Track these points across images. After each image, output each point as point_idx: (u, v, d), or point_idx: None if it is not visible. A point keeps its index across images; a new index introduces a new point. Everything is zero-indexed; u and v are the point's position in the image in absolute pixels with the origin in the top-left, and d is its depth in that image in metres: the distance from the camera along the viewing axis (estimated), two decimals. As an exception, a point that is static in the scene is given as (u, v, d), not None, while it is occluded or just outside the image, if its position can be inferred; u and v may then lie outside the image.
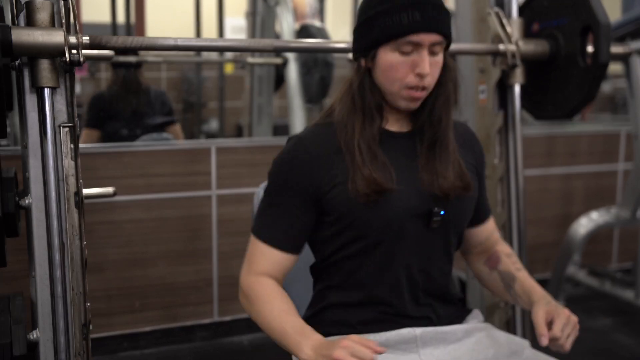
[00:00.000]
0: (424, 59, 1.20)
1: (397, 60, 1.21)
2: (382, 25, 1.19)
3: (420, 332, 1.28)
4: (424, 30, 1.18)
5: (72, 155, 1.51)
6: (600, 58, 1.85)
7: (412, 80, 1.22)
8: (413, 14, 1.17)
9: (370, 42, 1.23)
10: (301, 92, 3.37)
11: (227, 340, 2.75)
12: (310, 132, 1.30)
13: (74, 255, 1.52)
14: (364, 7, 1.25)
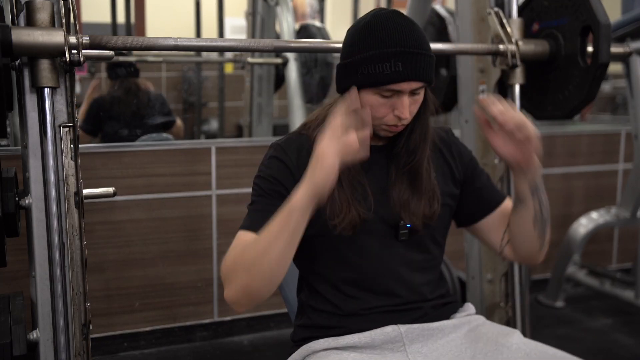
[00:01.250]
0: (404, 104, 1.22)
1: (377, 102, 1.23)
2: (365, 73, 1.21)
3: (405, 329, 1.28)
4: (405, 80, 1.20)
5: (72, 155, 1.51)
6: (600, 58, 1.85)
7: (391, 120, 1.25)
8: (395, 64, 1.19)
9: (352, 85, 1.24)
10: (301, 92, 3.37)
11: (227, 340, 2.75)
12: (286, 140, 1.34)
13: (74, 255, 1.52)
14: (348, 48, 1.26)
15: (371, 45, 1.21)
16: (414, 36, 1.21)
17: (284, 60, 3.44)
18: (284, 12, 3.36)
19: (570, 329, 2.84)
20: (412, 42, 1.20)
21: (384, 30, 1.21)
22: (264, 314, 2.81)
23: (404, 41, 1.19)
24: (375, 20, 1.23)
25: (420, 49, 1.21)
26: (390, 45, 1.19)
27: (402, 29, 1.21)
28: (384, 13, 1.25)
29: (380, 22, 1.22)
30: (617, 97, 5.11)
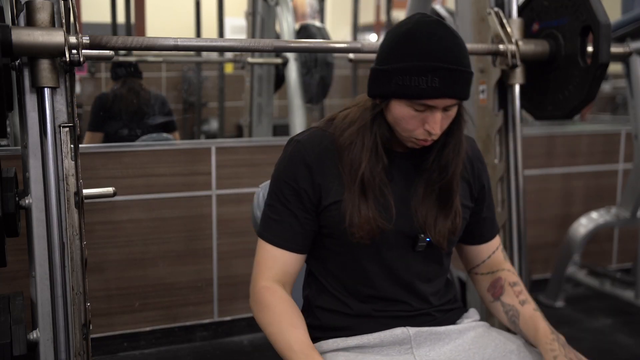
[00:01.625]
0: (436, 119, 1.18)
1: (408, 115, 1.19)
2: (400, 84, 1.16)
3: (414, 331, 1.28)
4: (441, 97, 1.15)
5: (72, 155, 1.51)
6: (600, 58, 1.85)
7: (421, 134, 1.21)
8: (432, 80, 1.13)
9: (384, 93, 1.20)
10: (301, 92, 3.37)
11: (227, 340, 2.75)
12: (308, 136, 1.30)
13: (74, 255, 1.52)
14: (385, 53, 1.20)
15: (410, 55, 1.15)
16: (456, 51, 1.16)
17: (284, 60, 3.44)
18: (284, 12, 3.36)
19: (570, 329, 2.84)
20: (453, 57, 1.15)
21: (425, 41, 1.15)
22: (264, 314, 2.81)
23: (444, 56, 1.14)
24: (417, 29, 1.17)
25: (460, 65, 1.15)
26: (430, 59, 1.14)
27: (444, 42, 1.15)
28: (427, 21, 1.18)
29: (422, 32, 1.16)
30: (617, 97, 5.11)
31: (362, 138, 1.24)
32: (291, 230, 1.27)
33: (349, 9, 4.69)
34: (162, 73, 4.63)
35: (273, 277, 1.27)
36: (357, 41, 2.28)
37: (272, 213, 1.28)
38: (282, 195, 1.27)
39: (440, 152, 1.26)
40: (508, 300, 1.37)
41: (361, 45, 1.87)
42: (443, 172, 1.27)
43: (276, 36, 3.58)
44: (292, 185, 1.26)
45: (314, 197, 1.26)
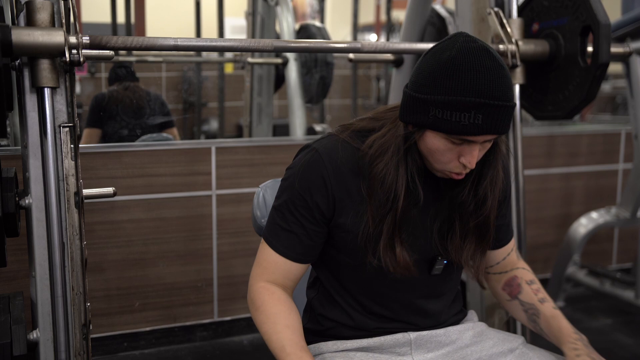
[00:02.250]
0: (474, 154, 1.11)
1: (443, 147, 1.11)
2: (439, 117, 1.08)
3: (414, 336, 1.29)
4: (483, 133, 1.08)
5: (72, 155, 1.51)
6: (600, 58, 1.85)
7: (455, 167, 1.14)
8: (476, 116, 1.05)
9: (420, 123, 1.12)
10: (301, 92, 3.37)
11: (227, 340, 2.75)
12: (327, 145, 1.22)
13: (74, 255, 1.52)
14: (424, 81, 1.10)
15: (452, 89, 1.06)
16: (502, 84, 1.06)
17: (284, 60, 3.43)
18: (284, 12, 3.36)
19: (570, 329, 2.84)
20: (499, 92, 1.06)
21: (470, 74, 1.05)
22: (264, 314, 2.81)
23: (490, 91, 1.05)
24: (461, 58, 1.07)
25: (506, 100, 1.07)
26: (474, 94, 1.05)
27: (491, 75, 1.06)
28: (472, 50, 1.07)
29: (467, 63, 1.06)
30: (617, 97, 5.11)
31: (395, 172, 1.15)
32: (298, 241, 1.22)
33: (349, 9, 4.69)
34: (162, 73, 4.63)
35: (274, 280, 1.25)
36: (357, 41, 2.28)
37: (280, 220, 1.23)
38: (293, 205, 1.21)
39: (476, 184, 1.20)
40: (526, 298, 1.34)
41: (361, 45, 1.87)
42: (481, 208, 1.20)
43: (276, 36, 3.58)
44: (305, 197, 1.20)
45: (328, 211, 1.20)
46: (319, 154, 1.20)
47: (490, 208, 1.21)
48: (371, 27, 7.53)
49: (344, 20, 5.50)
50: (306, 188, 1.19)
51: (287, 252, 1.23)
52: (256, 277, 1.26)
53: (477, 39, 1.10)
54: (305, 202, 1.20)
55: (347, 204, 1.20)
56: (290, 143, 2.96)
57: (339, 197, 1.19)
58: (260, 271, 1.26)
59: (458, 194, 1.21)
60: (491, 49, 1.09)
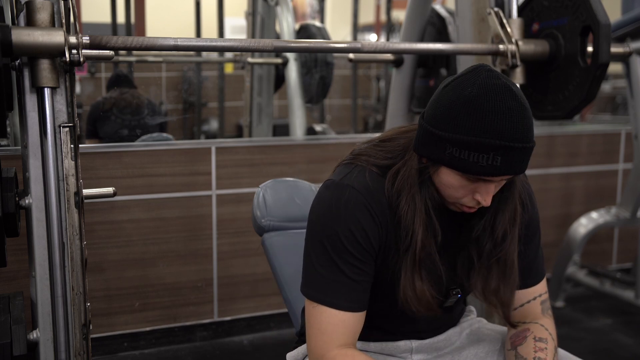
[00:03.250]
0: (489, 192, 1.08)
1: (458, 184, 1.08)
2: (456, 156, 1.04)
3: (417, 344, 1.29)
4: (501, 174, 1.04)
5: (72, 155, 1.51)
6: (600, 58, 1.85)
7: (469, 202, 1.11)
8: (494, 158, 1.02)
9: (436, 159, 1.08)
10: (301, 92, 3.37)
11: (227, 340, 2.75)
12: (362, 182, 1.14)
13: (74, 255, 1.52)
14: (442, 116, 1.05)
15: (471, 129, 1.01)
16: (523, 126, 1.02)
17: (284, 60, 3.43)
18: (284, 12, 3.36)
19: (570, 329, 2.84)
20: (520, 134, 1.02)
21: (491, 114, 1.01)
22: (264, 314, 2.81)
23: (510, 133, 1.01)
24: (482, 97, 1.02)
25: (526, 142, 1.03)
26: (494, 136, 1.01)
27: (512, 115, 1.01)
28: (495, 88, 1.03)
29: (488, 102, 1.01)
30: (617, 97, 5.11)
31: (412, 207, 1.11)
32: (361, 289, 1.13)
33: (349, 9, 4.69)
34: (162, 73, 4.63)
35: (345, 342, 1.14)
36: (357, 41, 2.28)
37: (331, 272, 1.12)
38: (344, 251, 1.11)
39: (492, 220, 1.15)
40: (523, 352, 1.22)
41: (361, 45, 1.87)
42: (500, 245, 1.15)
43: (276, 36, 3.58)
44: (358, 237, 1.11)
45: (376, 248, 1.14)
46: (355, 190, 1.13)
47: (510, 243, 1.16)
48: (371, 27, 7.53)
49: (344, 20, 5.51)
50: (358, 228, 1.11)
51: (352, 305, 1.13)
52: (324, 348, 1.13)
53: (499, 75, 1.05)
54: (358, 244, 1.11)
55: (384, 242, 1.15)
56: (290, 143, 2.96)
57: (385, 230, 1.14)
58: (326, 339, 1.13)
59: (473, 228, 1.17)
60: (514, 87, 1.05)
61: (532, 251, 1.26)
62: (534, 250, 1.27)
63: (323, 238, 1.13)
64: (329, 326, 1.12)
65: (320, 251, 1.13)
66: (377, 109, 5.57)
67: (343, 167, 1.19)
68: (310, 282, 1.15)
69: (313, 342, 1.14)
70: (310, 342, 1.15)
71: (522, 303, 1.27)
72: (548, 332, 1.25)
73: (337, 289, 1.12)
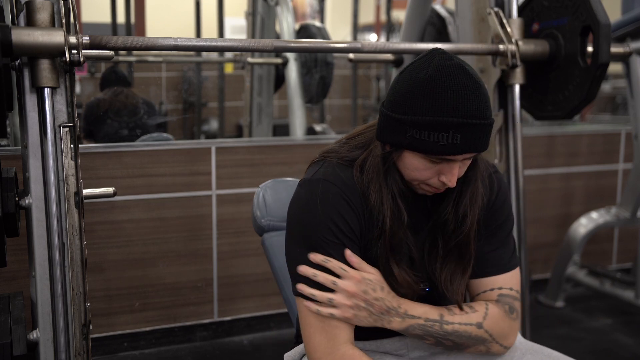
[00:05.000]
0: (454, 172, 1.10)
1: (422, 166, 1.10)
2: (417, 137, 1.06)
3: (411, 340, 1.28)
4: (462, 153, 1.07)
5: (72, 155, 1.51)
6: (600, 58, 1.85)
7: (435, 183, 1.12)
8: (454, 136, 1.04)
9: (398, 144, 1.10)
10: (301, 92, 3.37)
11: (227, 340, 2.75)
12: (331, 173, 1.17)
13: (74, 255, 1.52)
14: (401, 100, 1.08)
15: (429, 109, 1.04)
16: (479, 102, 1.05)
17: (284, 60, 3.43)
18: (284, 12, 3.36)
19: (570, 329, 2.84)
20: (476, 110, 1.04)
21: (446, 93, 1.04)
22: (264, 314, 2.81)
23: (467, 110, 1.04)
24: (437, 78, 1.05)
25: (483, 118, 1.06)
26: (451, 114, 1.03)
27: (467, 93, 1.04)
28: (448, 68, 1.06)
29: (443, 82, 1.04)
30: (617, 97, 5.11)
31: (379, 194, 1.14)
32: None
33: (349, 9, 4.69)
34: (162, 73, 4.63)
35: (345, 339, 1.13)
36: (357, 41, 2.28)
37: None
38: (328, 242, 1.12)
39: (457, 202, 1.17)
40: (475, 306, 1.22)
41: (361, 45, 1.87)
42: (461, 226, 1.17)
43: (276, 36, 3.58)
44: (339, 224, 1.12)
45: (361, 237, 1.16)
46: (329, 182, 1.15)
47: (470, 225, 1.17)
48: (371, 27, 7.53)
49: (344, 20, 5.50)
50: (339, 218, 1.12)
51: None
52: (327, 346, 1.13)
53: (453, 56, 1.09)
54: (342, 233, 1.13)
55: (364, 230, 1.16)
56: (290, 143, 2.96)
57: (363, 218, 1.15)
58: (329, 337, 1.13)
59: (441, 212, 1.18)
60: (467, 66, 1.08)
61: (497, 240, 1.25)
62: (500, 240, 1.25)
63: (306, 235, 1.14)
64: (327, 326, 1.13)
65: (306, 248, 1.13)
66: (377, 109, 5.56)
67: (313, 166, 1.23)
68: (300, 281, 1.15)
69: (313, 342, 1.14)
70: (310, 342, 1.14)
71: (477, 292, 1.25)
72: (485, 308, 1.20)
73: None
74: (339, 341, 1.13)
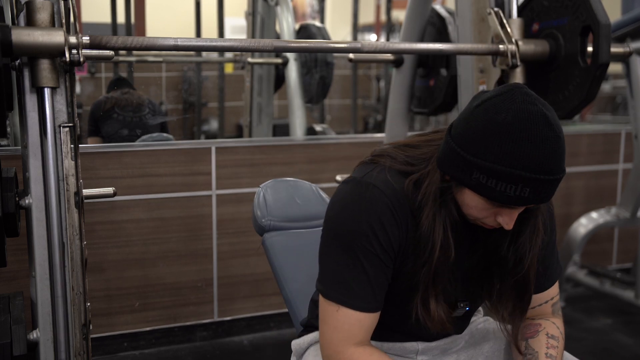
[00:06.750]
0: (512, 217, 1.05)
1: (481, 206, 1.05)
2: (482, 182, 0.99)
3: (423, 346, 1.29)
4: (527, 204, 1.01)
5: (72, 155, 1.51)
6: (600, 58, 1.85)
7: (491, 222, 1.08)
8: (523, 190, 0.97)
9: (461, 181, 1.04)
10: (301, 92, 3.37)
11: (227, 340, 2.75)
12: (383, 180, 1.11)
13: (74, 255, 1.52)
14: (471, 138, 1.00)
15: (502, 158, 0.97)
16: (556, 157, 0.98)
17: (284, 60, 3.43)
18: (284, 12, 3.35)
19: (570, 329, 2.84)
20: (552, 166, 0.97)
21: (523, 144, 0.96)
22: (264, 314, 2.81)
23: (543, 166, 0.97)
24: (517, 125, 0.96)
25: (558, 174, 0.99)
26: (525, 169, 0.96)
27: (547, 148, 0.96)
28: (530, 116, 0.97)
29: (522, 132, 0.96)
30: (617, 97, 5.11)
31: (432, 223, 1.08)
32: (378, 289, 1.11)
33: (349, 9, 4.69)
34: (162, 73, 4.63)
35: (360, 340, 1.13)
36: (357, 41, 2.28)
37: (349, 272, 1.09)
38: (362, 249, 1.08)
39: (515, 240, 1.12)
40: (535, 345, 1.21)
41: (361, 45, 1.87)
42: (520, 264, 1.13)
43: (276, 36, 3.58)
44: (378, 234, 1.08)
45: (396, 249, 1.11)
46: (378, 189, 1.09)
47: (530, 265, 1.13)
48: (371, 27, 7.53)
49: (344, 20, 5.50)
50: (380, 226, 1.08)
51: (369, 305, 1.11)
52: (339, 345, 1.12)
53: (536, 100, 0.99)
54: (378, 242, 1.08)
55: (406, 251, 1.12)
56: (290, 143, 2.96)
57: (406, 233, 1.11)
58: (341, 337, 1.12)
59: (497, 248, 1.14)
60: (550, 113, 0.99)
61: (547, 258, 1.24)
62: (549, 253, 1.25)
63: (342, 235, 1.10)
64: (345, 325, 1.11)
65: (339, 249, 1.10)
66: (377, 109, 5.57)
67: (364, 166, 1.16)
68: (327, 279, 1.13)
69: (327, 338, 1.13)
70: (324, 337, 1.14)
71: (534, 306, 1.26)
72: (559, 331, 1.24)
73: (354, 288, 1.10)
74: (352, 341, 1.12)
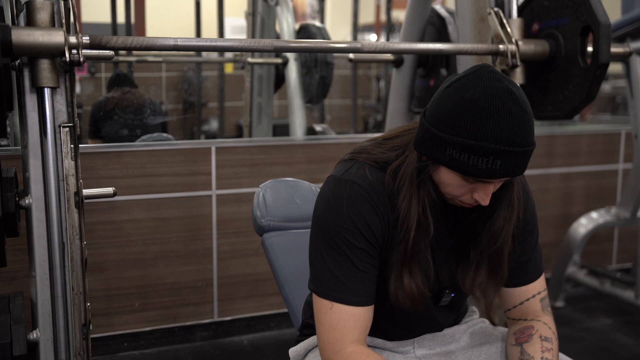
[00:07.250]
0: (488, 192, 1.09)
1: (457, 183, 1.09)
2: (455, 158, 1.04)
3: (418, 339, 1.30)
4: (499, 177, 1.05)
5: (72, 155, 1.51)
6: (600, 58, 1.85)
7: (468, 200, 1.11)
8: (494, 162, 1.02)
9: (436, 159, 1.08)
10: (301, 92, 3.37)
11: (227, 340, 2.75)
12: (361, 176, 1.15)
13: (74, 255, 1.52)
14: (444, 117, 1.05)
15: (472, 133, 1.02)
16: (523, 130, 1.02)
17: (284, 60, 3.44)
18: (284, 12, 3.36)
19: (570, 329, 2.84)
20: (521, 138, 1.02)
21: (491, 118, 1.01)
22: (264, 314, 2.81)
23: (511, 137, 1.01)
24: (484, 100, 1.01)
25: (526, 146, 1.04)
26: (494, 141, 1.01)
27: (514, 121, 1.01)
28: (497, 92, 1.02)
29: (489, 106, 1.01)
30: (617, 97, 5.11)
31: (409, 203, 1.12)
32: (368, 282, 1.14)
33: (349, 9, 4.69)
34: (162, 73, 4.63)
35: (357, 338, 1.14)
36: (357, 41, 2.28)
37: (338, 267, 1.12)
38: (348, 244, 1.11)
39: (490, 218, 1.16)
40: (530, 350, 1.22)
41: (361, 45, 1.87)
42: (492, 240, 1.16)
43: (276, 36, 3.58)
44: (361, 229, 1.11)
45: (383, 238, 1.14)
46: (357, 184, 1.13)
47: (504, 241, 1.16)
48: (371, 27, 7.53)
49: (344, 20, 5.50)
50: (360, 219, 1.11)
51: (361, 299, 1.13)
52: (337, 344, 1.13)
53: (502, 77, 1.05)
54: (362, 237, 1.12)
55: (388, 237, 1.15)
56: (290, 143, 2.96)
57: (387, 224, 1.14)
58: (338, 335, 1.13)
59: (474, 225, 1.18)
60: (516, 90, 1.04)
61: (530, 248, 1.27)
62: (532, 247, 1.27)
63: (327, 233, 1.13)
64: (340, 322, 1.13)
65: (326, 246, 1.13)
66: (377, 109, 5.58)
67: (343, 164, 1.20)
68: (318, 278, 1.15)
69: (325, 338, 1.14)
70: (321, 338, 1.15)
71: (522, 300, 1.28)
72: (552, 332, 1.26)
73: (345, 283, 1.12)
74: (349, 339, 1.13)
